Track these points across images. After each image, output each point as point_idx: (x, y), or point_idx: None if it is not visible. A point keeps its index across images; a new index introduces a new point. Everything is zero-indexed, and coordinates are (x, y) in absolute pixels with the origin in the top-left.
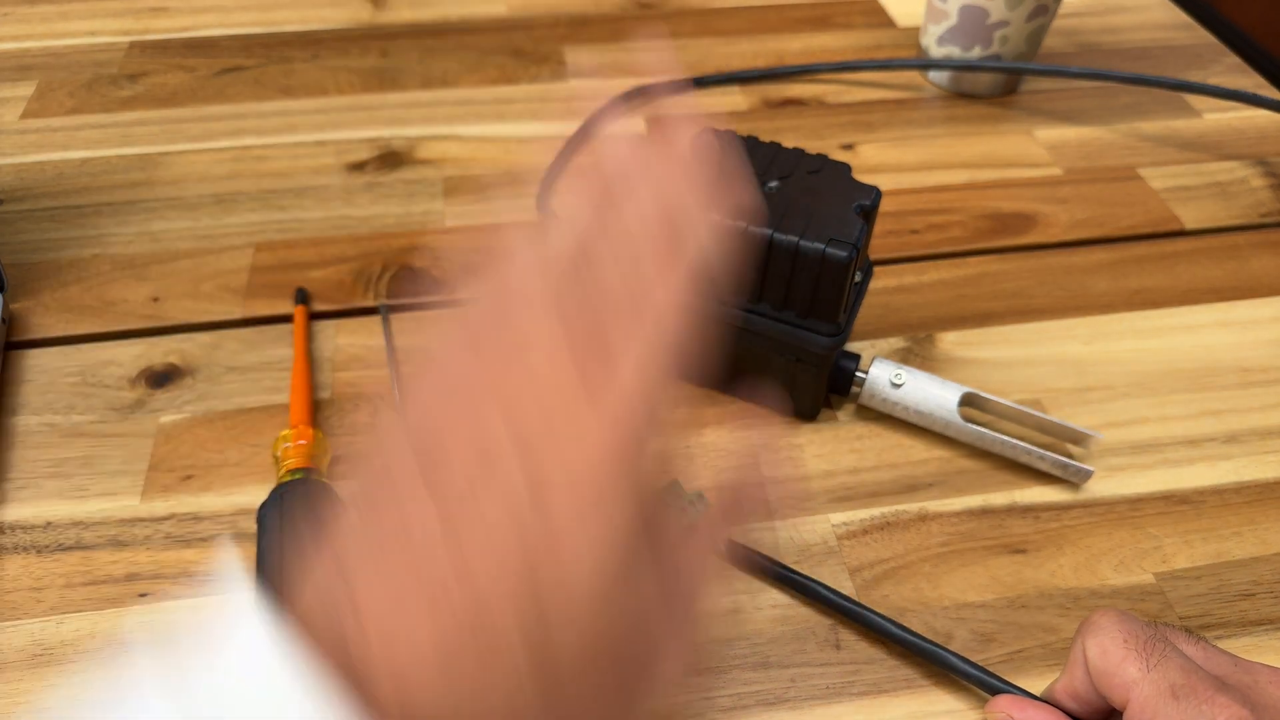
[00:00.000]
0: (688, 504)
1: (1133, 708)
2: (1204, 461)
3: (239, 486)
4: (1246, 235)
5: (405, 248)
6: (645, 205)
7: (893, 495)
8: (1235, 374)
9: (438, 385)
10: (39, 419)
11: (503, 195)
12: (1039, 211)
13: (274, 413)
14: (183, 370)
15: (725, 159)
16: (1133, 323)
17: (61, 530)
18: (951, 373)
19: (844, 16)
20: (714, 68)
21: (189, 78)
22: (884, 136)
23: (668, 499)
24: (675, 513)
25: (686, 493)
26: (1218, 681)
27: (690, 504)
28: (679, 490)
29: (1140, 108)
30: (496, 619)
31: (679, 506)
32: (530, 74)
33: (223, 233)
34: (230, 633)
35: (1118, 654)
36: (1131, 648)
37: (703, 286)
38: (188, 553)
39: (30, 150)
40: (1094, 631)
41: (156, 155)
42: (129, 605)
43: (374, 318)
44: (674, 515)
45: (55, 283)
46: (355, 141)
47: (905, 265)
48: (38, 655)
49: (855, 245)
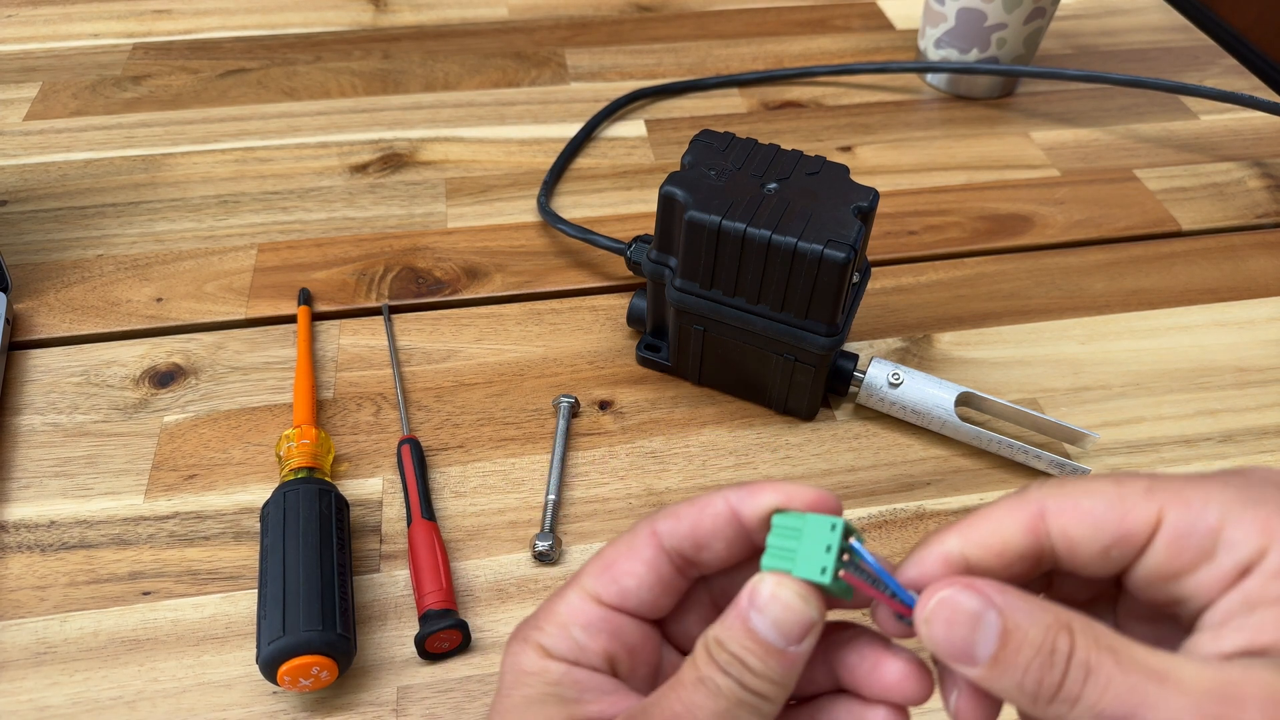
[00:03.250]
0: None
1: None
2: (1200, 461)
3: (242, 485)
4: (1243, 236)
5: (408, 249)
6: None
7: (890, 494)
8: (1231, 374)
9: None
10: (43, 419)
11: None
12: (1036, 212)
13: (277, 412)
14: (186, 370)
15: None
16: (1129, 323)
17: (65, 529)
18: (948, 372)
19: (842, 19)
20: (713, 70)
21: (192, 80)
22: (882, 138)
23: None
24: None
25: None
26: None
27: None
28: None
29: (1137, 109)
30: None
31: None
32: (531, 76)
33: (226, 234)
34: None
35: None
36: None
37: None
38: (191, 551)
39: (34, 151)
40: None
41: (160, 157)
42: (132, 604)
43: (377, 318)
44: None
45: (59, 283)
46: (358, 143)
47: (903, 266)
48: (41, 653)
49: (853, 246)
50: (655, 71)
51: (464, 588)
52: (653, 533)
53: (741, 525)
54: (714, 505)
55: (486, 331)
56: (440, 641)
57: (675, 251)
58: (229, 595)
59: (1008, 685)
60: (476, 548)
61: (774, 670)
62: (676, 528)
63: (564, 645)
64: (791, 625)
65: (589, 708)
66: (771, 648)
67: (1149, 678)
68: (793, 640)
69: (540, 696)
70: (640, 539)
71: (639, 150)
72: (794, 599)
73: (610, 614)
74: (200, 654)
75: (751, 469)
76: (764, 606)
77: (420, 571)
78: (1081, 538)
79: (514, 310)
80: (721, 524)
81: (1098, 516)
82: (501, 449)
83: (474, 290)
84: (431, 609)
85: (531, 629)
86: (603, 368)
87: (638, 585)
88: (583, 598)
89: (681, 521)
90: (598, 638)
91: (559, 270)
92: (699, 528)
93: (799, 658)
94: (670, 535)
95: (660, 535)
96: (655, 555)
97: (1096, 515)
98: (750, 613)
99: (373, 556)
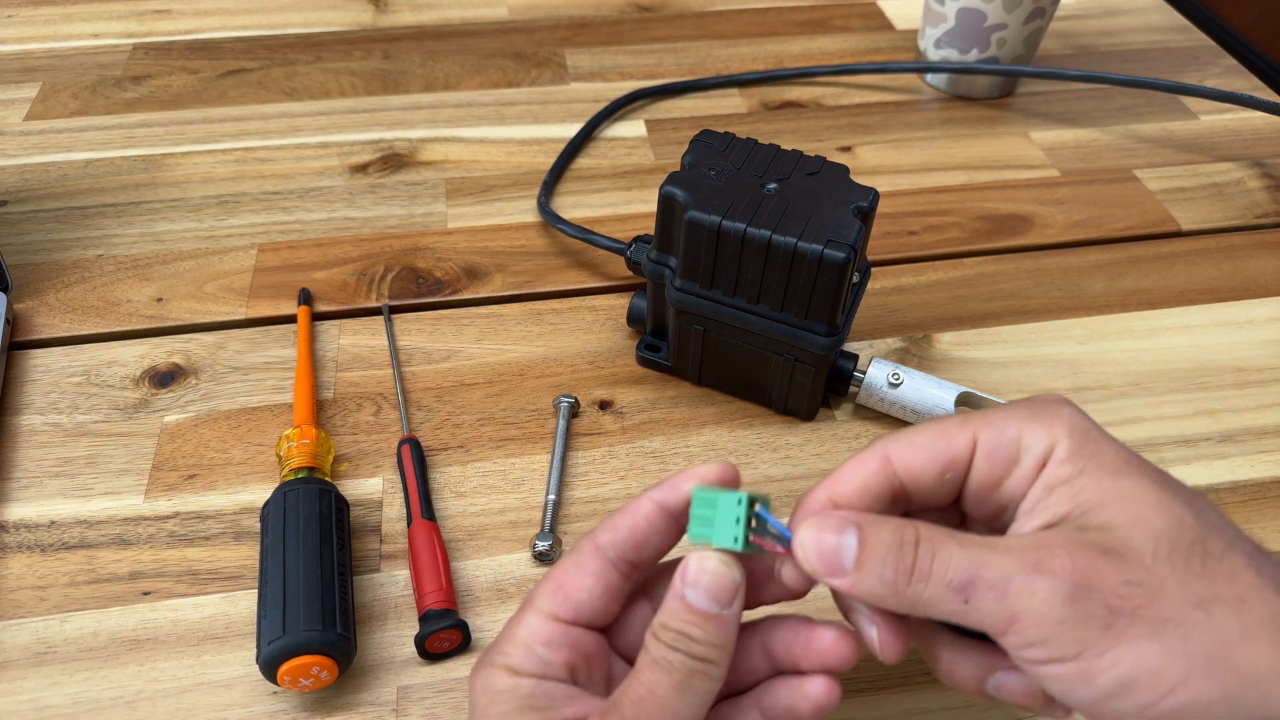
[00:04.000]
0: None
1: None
2: (1200, 461)
3: (242, 485)
4: (1242, 236)
5: (408, 249)
6: None
7: None
8: (1231, 374)
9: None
10: (43, 419)
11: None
12: (1036, 213)
13: (277, 412)
14: (186, 370)
15: None
16: (1129, 323)
17: (65, 529)
18: (948, 372)
19: (842, 19)
20: (713, 70)
21: (193, 80)
22: (882, 138)
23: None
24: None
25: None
26: None
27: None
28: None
29: (1137, 110)
30: None
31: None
32: (531, 77)
33: (226, 234)
34: None
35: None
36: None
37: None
38: (191, 551)
39: (34, 151)
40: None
41: (160, 157)
42: (132, 604)
43: (377, 318)
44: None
45: (59, 283)
46: (358, 143)
47: (903, 266)
48: (41, 653)
49: (853, 246)
50: (655, 71)
51: (464, 588)
52: (595, 548)
53: (671, 516)
54: (643, 507)
55: (486, 331)
56: (440, 641)
57: (675, 251)
58: (229, 595)
59: (873, 582)
60: (476, 548)
61: (714, 635)
62: (616, 537)
63: (530, 663)
64: (720, 590)
65: (563, 712)
66: (708, 615)
67: (983, 548)
68: (724, 603)
69: (518, 709)
70: (585, 556)
71: (639, 150)
72: (718, 566)
73: (567, 629)
74: (200, 654)
75: (752, 469)
76: (695, 580)
77: (420, 571)
78: (920, 468)
79: (514, 310)
80: (655, 520)
81: (929, 447)
82: (501, 449)
83: (474, 290)
84: (431, 609)
85: (496, 654)
86: (603, 368)
87: (589, 597)
88: (540, 618)
89: (619, 531)
90: (559, 651)
91: (559, 270)
92: (636, 531)
93: (732, 619)
94: (612, 546)
95: (603, 548)
96: (601, 567)
97: (928, 447)
98: (685, 590)
99: (373, 556)
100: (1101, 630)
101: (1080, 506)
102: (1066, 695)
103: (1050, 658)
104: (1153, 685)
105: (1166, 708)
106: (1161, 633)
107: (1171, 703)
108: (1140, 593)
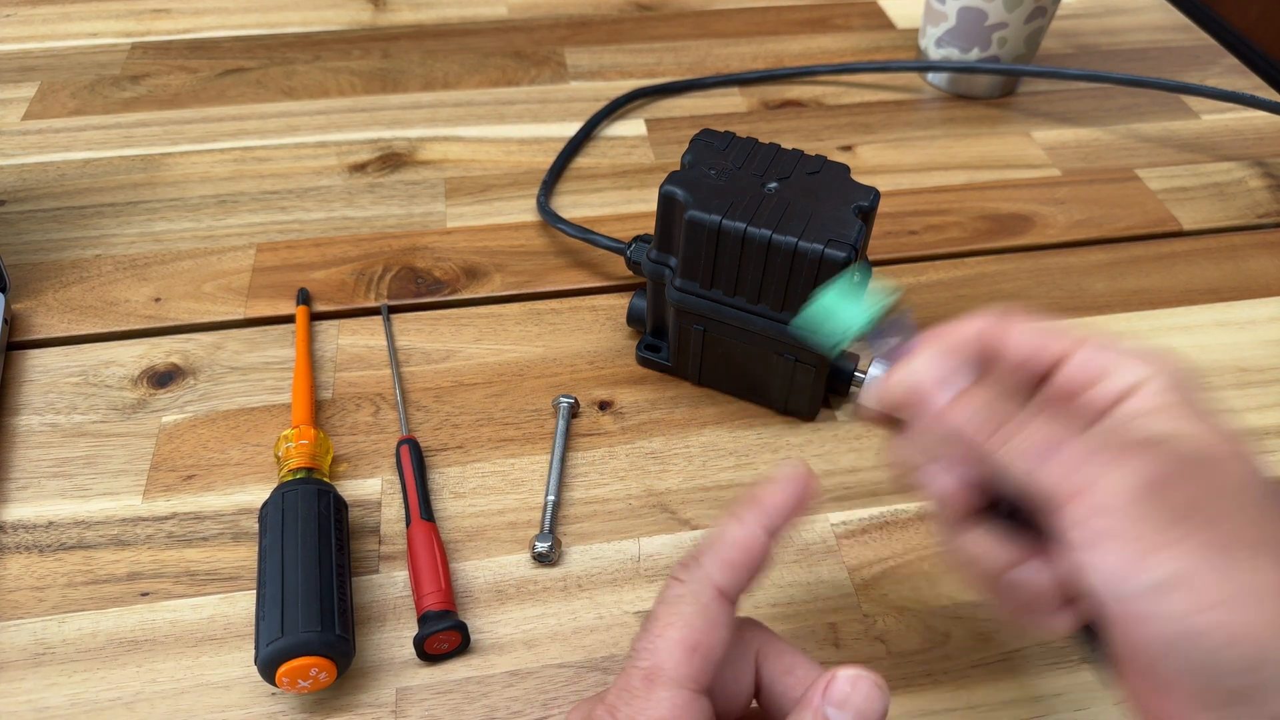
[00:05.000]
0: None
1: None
2: None
3: (241, 486)
4: (1244, 236)
5: (407, 248)
6: None
7: (891, 495)
8: (1233, 374)
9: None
10: (41, 419)
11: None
12: (1037, 212)
13: (276, 412)
14: (184, 370)
15: None
16: (1130, 323)
17: (63, 530)
18: None
19: (843, 18)
20: (713, 69)
21: (191, 79)
22: (882, 138)
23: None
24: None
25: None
26: None
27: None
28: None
29: (1138, 109)
30: None
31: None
32: (530, 76)
33: (225, 233)
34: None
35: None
36: None
37: None
38: (189, 552)
39: (32, 151)
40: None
41: (158, 156)
42: (131, 604)
43: (375, 318)
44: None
45: (57, 283)
46: (357, 143)
47: (903, 266)
48: (40, 654)
49: (854, 246)
50: (655, 71)
51: (463, 589)
52: (719, 594)
53: (773, 537)
54: (756, 540)
55: (486, 331)
56: (439, 643)
57: (675, 251)
58: (227, 596)
59: (966, 416)
60: (475, 549)
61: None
62: (737, 578)
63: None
64: (869, 716)
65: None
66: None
67: (1071, 428)
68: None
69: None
70: (714, 609)
71: (639, 150)
72: (872, 689)
73: (702, 697)
74: (199, 655)
75: (752, 469)
76: (842, 701)
77: (419, 572)
78: (1025, 345)
79: (513, 310)
80: (768, 551)
81: (1043, 333)
82: (501, 449)
83: (473, 290)
84: (430, 610)
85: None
86: (603, 368)
87: (725, 653)
88: (687, 697)
89: (739, 570)
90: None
91: (559, 270)
92: (753, 568)
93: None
94: (734, 587)
95: (727, 592)
96: (727, 614)
97: (1043, 332)
98: (826, 709)
99: (371, 557)
100: (1165, 526)
101: (1159, 436)
102: (1106, 582)
103: (1110, 533)
104: (1197, 595)
105: (1202, 620)
106: (1213, 556)
107: (1209, 617)
108: (1203, 516)
